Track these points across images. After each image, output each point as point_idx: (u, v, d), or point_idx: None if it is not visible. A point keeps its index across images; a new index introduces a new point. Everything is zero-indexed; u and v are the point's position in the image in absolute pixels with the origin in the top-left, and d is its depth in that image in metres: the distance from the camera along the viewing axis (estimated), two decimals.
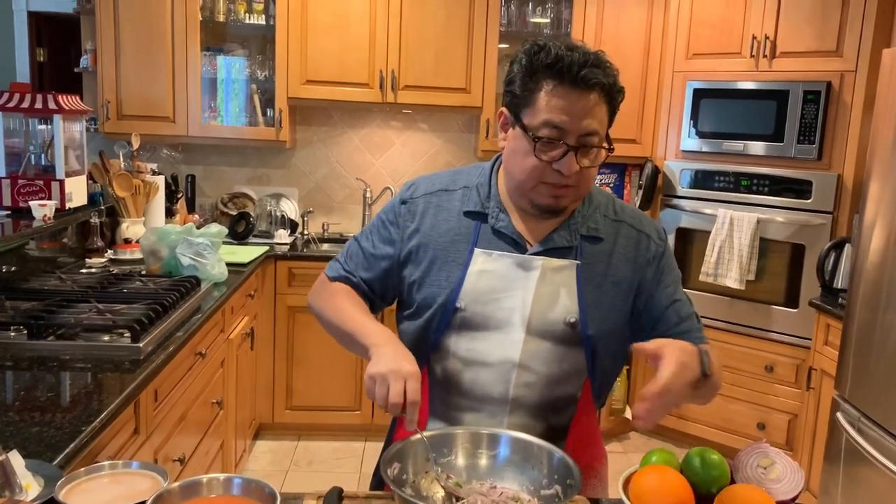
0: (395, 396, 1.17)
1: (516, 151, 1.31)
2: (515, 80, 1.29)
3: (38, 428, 1.51)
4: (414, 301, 1.41)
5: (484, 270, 1.35)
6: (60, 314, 2.18)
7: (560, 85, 1.24)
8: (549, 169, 1.28)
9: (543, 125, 1.25)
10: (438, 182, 1.45)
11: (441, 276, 1.37)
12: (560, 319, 1.34)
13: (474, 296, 1.35)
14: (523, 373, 1.34)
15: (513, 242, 1.37)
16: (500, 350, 1.35)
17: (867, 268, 2.63)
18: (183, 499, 1.10)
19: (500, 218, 1.38)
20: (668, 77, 3.89)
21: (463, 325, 1.36)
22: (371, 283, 1.46)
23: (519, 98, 1.29)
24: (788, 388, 3.56)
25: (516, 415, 1.36)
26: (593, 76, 1.23)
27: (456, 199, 1.42)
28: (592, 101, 1.24)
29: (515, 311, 1.34)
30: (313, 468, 3.60)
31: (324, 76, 3.85)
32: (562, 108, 1.24)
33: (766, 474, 1.16)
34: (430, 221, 1.41)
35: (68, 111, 2.98)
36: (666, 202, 3.92)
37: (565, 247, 1.36)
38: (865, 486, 2.56)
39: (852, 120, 3.32)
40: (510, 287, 1.34)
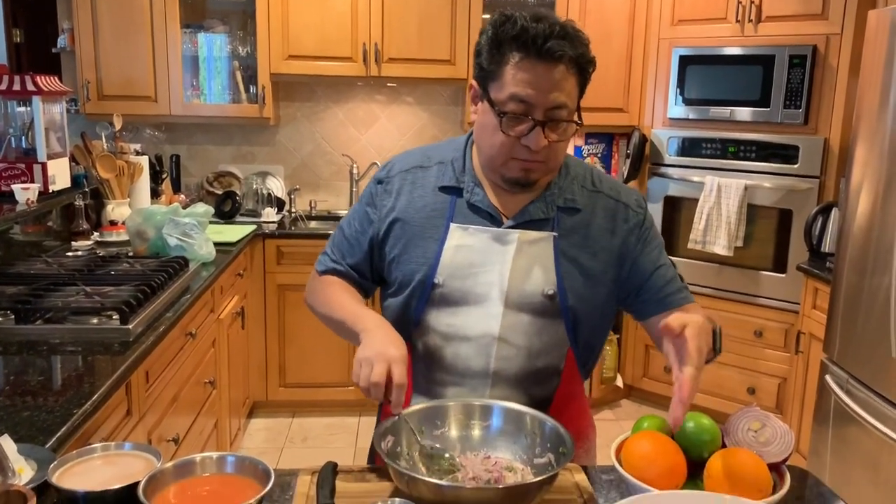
0: (376, 376, 1.17)
1: (485, 126, 1.30)
2: (482, 52, 1.27)
3: (29, 412, 1.50)
4: (394, 278, 1.41)
5: (461, 245, 1.35)
6: (48, 298, 2.17)
7: (526, 57, 1.22)
8: (518, 144, 1.27)
9: (510, 99, 1.23)
10: (413, 159, 1.45)
11: (418, 252, 1.37)
12: (538, 292, 1.34)
13: (451, 271, 1.35)
14: (503, 346, 1.35)
15: (489, 216, 1.36)
16: (479, 324, 1.35)
17: (854, 231, 2.65)
18: (177, 478, 1.10)
19: (475, 192, 1.37)
20: (654, 44, 3.86)
21: (442, 301, 1.36)
22: (359, 268, 1.46)
23: (486, 71, 1.27)
24: (777, 352, 3.59)
25: (498, 388, 1.36)
26: (559, 48, 1.20)
27: (431, 175, 1.41)
28: (560, 74, 1.22)
29: (493, 285, 1.34)
30: (308, 444, 3.62)
31: (306, 51, 3.80)
32: (528, 81, 1.22)
33: (757, 437, 1.17)
34: (405, 198, 1.40)
35: (47, 92, 2.93)
36: (653, 171, 3.92)
37: (542, 219, 1.36)
38: (854, 446, 2.60)
39: (838, 83, 3.31)
40: (487, 261, 1.34)
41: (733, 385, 3.75)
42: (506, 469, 1.18)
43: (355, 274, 1.47)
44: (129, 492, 1.05)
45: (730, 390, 3.76)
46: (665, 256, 1.44)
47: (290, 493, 1.17)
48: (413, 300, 1.38)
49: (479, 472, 1.17)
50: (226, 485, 1.11)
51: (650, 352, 4.03)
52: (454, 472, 1.17)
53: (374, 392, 1.18)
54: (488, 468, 1.18)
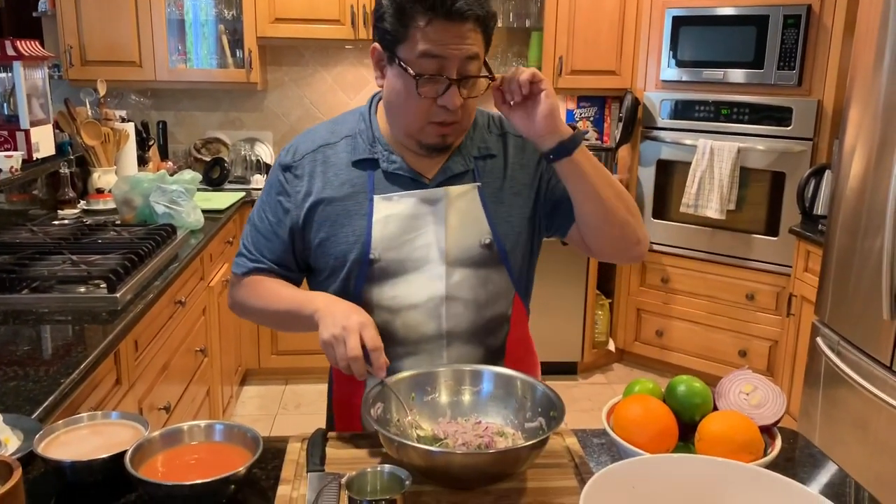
0: (353, 350, 1.16)
1: (397, 92, 1.26)
2: (385, 17, 1.23)
3: (15, 382, 1.49)
4: (325, 263, 1.36)
5: (389, 215, 1.32)
6: (33, 267, 2.14)
7: (434, 19, 1.18)
8: (434, 106, 1.24)
9: (422, 57, 1.20)
10: (318, 138, 1.39)
11: (346, 231, 1.33)
12: (475, 243, 1.34)
13: (386, 243, 1.32)
14: (452, 304, 1.34)
15: (410, 181, 1.33)
16: (424, 289, 1.33)
17: (847, 194, 2.63)
18: (164, 447, 1.09)
19: (391, 160, 1.34)
20: (647, 5, 3.80)
21: (382, 275, 1.33)
22: (282, 261, 1.39)
23: (391, 34, 1.23)
24: (769, 315, 3.61)
25: (454, 347, 1.36)
26: (467, 6, 1.18)
27: (341, 151, 1.36)
28: (467, 29, 1.20)
29: (431, 247, 1.33)
30: (301, 411, 3.63)
31: (293, 13, 3.73)
32: (437, 39, 1.19)
33: (749, 400, 1.16)
34: (320, 180, 1.35)
35: (28, 57, 2.87)
36: (646, 134, 3.88)
37: (462, 172, 1.35)
38: (844, 407, 2.62)
39: (832, 44, 3.27)
40: (420, 225, 1.32)
41: (725, 348, 3.77)
42: (497, 434, 1.18)
43: (278, 268, 1.40)
44: (116, 461, 1.04)
45: (721, 353, 3.78)
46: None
47: (280, 460, 1.17)
48: (350, 280, 1.34)
49: (470, 437, 1.16)
50: (214, 453, 1.10)
51: (642, 316, 4.04)
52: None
53: (354, 367, 1.17)
54: (479, 433, 1.17)
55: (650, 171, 3.89)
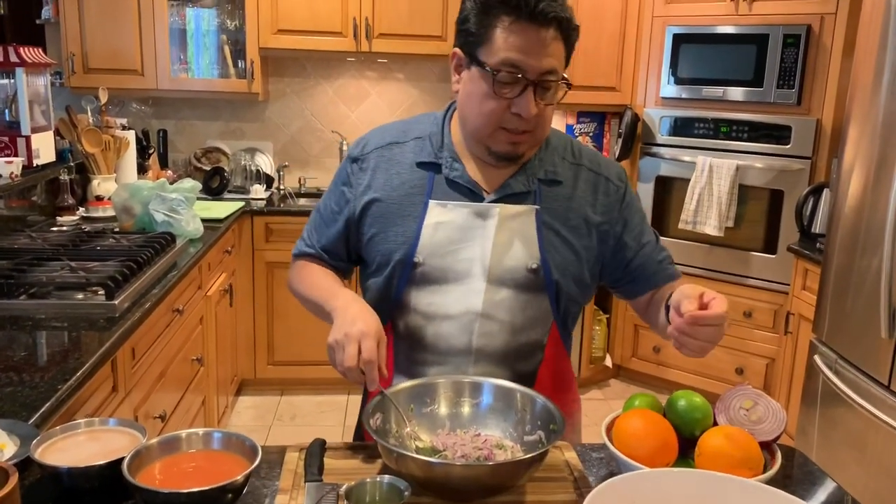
0: (349, 360, 1.15)
1: (473, 95, 1.27)
2: (469, 17, 1.25)
3: (12, 388, 1.48)
4: (373, 258, 1.38)
5: (440, 222, 1.32)
6: (31, 273, 2.14)
7: (517, 20, 1.20)
8: (508, 113, 1.24)
9: (501, 64, 1.21)
10: (389, 135, 1.41)
11: (397, 231, 1.34)
12: (521, 266, 1.32)
13: (432, 249, 1.32)
14: (486, 322, 1.33)
15: (468, 192, 1.33)
16: (461, 301, 1.33)
17: (845, 212, 2.64)
18: (162, 454, 1.08)
19: (454, 167, 1.34)
20: (648, 23, 3.83)
21: (422, 280, 1.34)
22: (332, 248, 1.43)
23: (474, 36, 1.24)
24: (766, 332, 3.61)
25: (481, 364, 1.35)
26: (551, 9, 1.19)
27: (408, 151, 1.38)
28: (550, 37, 1.21)
29: (475, 261, 1.32)
30: (297, 422, 3.61)
31: (295, 25, 3.75)
32: (520, 45, 1.20)
33: (749, 415, 1.16)
34: (382, 176, 1.37)
35: (31, 64, 2.88)
36: (645, 150, 3.90)
37: (523, 192, 1.33)
38: (841, 426, 2.61)
39: (832, 64, 3.30)
40: (468, 237, 1.32)
41: (722, 365, 3.77)
42: (495, 446, 1.18)
43: (326, 256, 1.44)
44: (113, 468, 1.03)
45: (718, 370, 3.78)
46: (648, 230, 1.43)
47: (278, 470, 1.16)
48: (393, 280, 1.35)
49: (469, 449, 1.16)
50: (212, 461, 1.09)
51: (639, 332, 4.04)
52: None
53: (350, 376, 1.17)
54: (478, 445, 1.17)
55: (649, 188, 3.90)
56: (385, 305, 1.36)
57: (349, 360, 1.16)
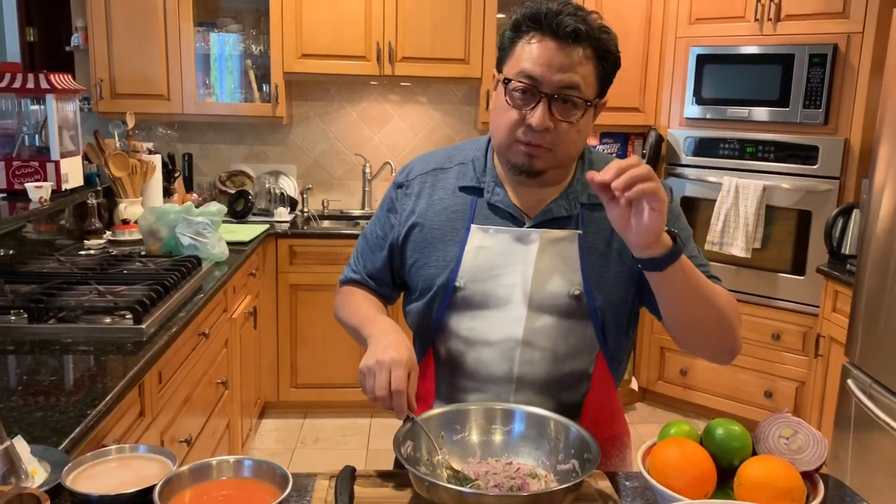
0: (379, 389, 1.15)
1: (496, 107, 1.29)
2: (504, 37, 1.27)
3: (42, 413, 1.48)
4: (415, 283, 1.38)
5: (482, 247, 1.31)
6: (61, 297, 2.15)
7: (539, 33, 1.21)
8: (523, 126, 1.24)
9: (518, 75, 1.22)
10: (433, 161, 1.42)
11: (439, 255, 1.34)
12: (563, 293, 1.30)
13: (473, 274, 1.31)
14: (527, 350, 1.31)
15: (510, 217, 1.32)
16: (502, 328, 1.31)
17: (877, 233, 2.60)
18: (193, 482, 1.07)
19: (495, 192, 1.33)
20: (671, 43, 3.82)
21: (463, 305, 1.32)
22: (377, 275, 1.44)
23: (503, 52, 1.27)
24: (796, 355, 3.54)
25: (522, 393, 1.32)
26: (570, 23, 1.18)
27: (451, 176, 1.38)
28: (576, 56, 1.20)
29: (516, 287, 1.30)
30: (320, 446, 3.59)
31: (319, 49, 3.78)
32: (538, 57, 1.20)
33: (789, 445, 1.13)
34: (425, 201, 1.37)
35: (61, 90, 2.92)
36: (670, 171, 3.87)
37: (565, 216, 1.32)
38: (876, 452, 2.55)
39: (859, 83, 3.26)
40: (509, 262, 1.30)
41: (750, 389, 3.70)
42: (529, 476, 1.15)
43: (372, 282, 1.45)
44: (144, 496, 1.02)
45: (747, 394, 3.71)
46: (693, 246, 1.39)
47: (308, 499, 1.15)
48: (434, 304, 1.34)
49: (502, 478, 1.14)
50: (243, 490, 1.08)
51: (665, 354, 3.98)
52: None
53: (382, 404, 1.17)
54: (511, 475, 1.15)
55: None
56: (426, 330, 1.36)
57: (380, 389, 1.15)
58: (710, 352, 1.31)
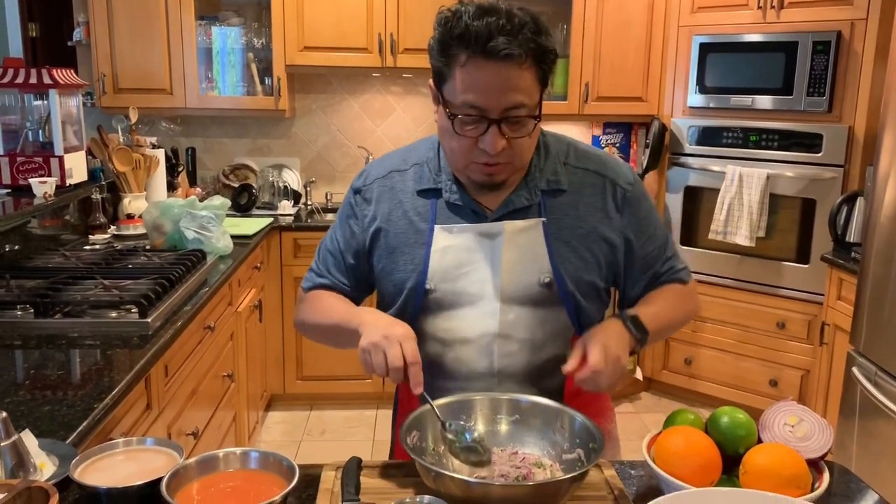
0: (395, 360, 1.15)
1: (443, 130, 1.25)
2: (433, 52, 1.22)
3: (49, 406, 1.49)
4: (385, 289, 1.37)
5: (448, 246, 1.30)
6: (66, 292, 2.16)
7: (472, 57, 1.15)
8: (476, 148, 1.21)
9: (462, 105, 1.18)
10: (389, 163, 1.40)
11: (405, 259, 1.33)
12: (534, 281, 1.29)
13: (442, 274, 1.30)
14: (505, 343, 1.31)
15: (471, 213, 1.31)
16: (477, 324, 1.31)
17: (881, 220, 2.59)
18: (200, 474, 1.08)
19: (453, 190, 1.32)
20: (674, 32, 3.80)
21: (436, 306, 1.32)
22: (346, 280, 1.42)
23: (438, 72, 1.22)
24: (800, 344, 3.54)
25: (505, 386, 1.32)
26: (504, 46, 1.12)
27: (409, 179, 1.36)
28: (512, 71, 1.15)
29: (487, 282, 1.30)
30: (326, 437, 3.61)
31: (321, 42, 3.78)
32: (478, 84, 1.16)
33: (794, 432, 1.13)
34: (386, 206, 1.36)
35: (64, 85, 2.92)
36: (673, 160, 3.86)
37: (526, 206, 1.30)
38: (882, 439, 2.55)
39: (863, 70, 3.25)
40: (476, 259, 1.30)
41: (755, 377, 3.71)
42: (534, 465, 1.16)
43: (344, 286, 1.42)
44: (151, 488, 1.03)
45: (752, 383, 3.71)
46: (658, 230, 1.39)
47: (314, 489, 1.15)
48: (407, 308, 1.33)
49: (508, 468, 1.14)
50: (249, 481, 1.09)
51: (669, 344, 3.98)
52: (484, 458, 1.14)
53: (393, 376, 1.16)
54: (516, 464, 1.15)
55: (678, 198, 3.86)
56: None
57: (395, 361, 1.14)
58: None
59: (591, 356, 1.17)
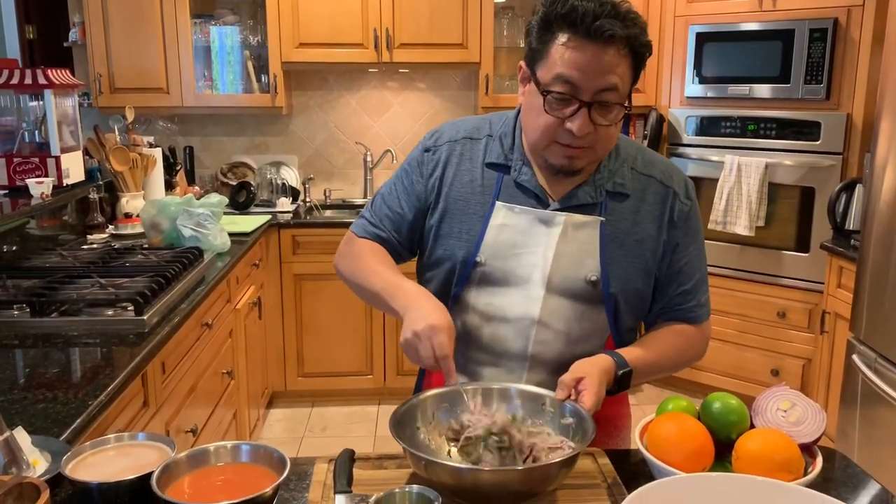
0: (426, 359, 1.18)
1: (531, 108, 1.27)
2: (533, 31, 1.24)
3: (44, 404, 1.49)
4: (434, 253, 1.38)
5: (505, 224, 1.32)
6: (63, 290, 2.16)
7: (574, 36, 1.17)
8: (562, 128, 1.22)
9: (555, 80, 1.20)
10: (463, 129, 1.41)
11: (462, 228, 1.34)
12: (581, 277, 1.30)
13: (495, 250, 1.32)
14: (542, 330, 1.32)
15: (535, 197, 1.33)
16: (519, 306, 1.32)
17: (880, 207, 2.58)
18: (191, 468, 1.08)
19: (522, 171, 1.33)
20: (670, 22, 3.79)
21: (483, 280, 1.34)
22: (399, 236, 1.42)
23: (534, 51, 1.24)
24: (801, 332, 3.53)
25: (535, 371, 1.33)
26: (609, 27, 1.15)
27: (480, 149, 1.37)
28: (611, 56, 1.17)
29: (536, 268, 1.31)
30: (328, 434, 3.61)
31: (317, 38, 3.77)
32: (576, 62, 1.18)
33: (787, 417, 1.13)
34: (452, 170, 1.37)
35: (59, 85, 2.92)
36: (672, 151, 3.85)
37: (590, 203, 1.32)
38: (883, 427, 2.54)
39: (860, 57, 3.23)
40: (531, 243, 1.31)
41: (756, 367, 3.70)
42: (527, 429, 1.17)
43: (395, 242, 1.42)
44: (143, 482, 1.03)
45: (753, 372, 3.71)
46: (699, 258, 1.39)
47: (307, 482, 1.15)
48: (454, 277, 1.35)
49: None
50: (241, 474, 1.09)
51: None
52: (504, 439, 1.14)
53: (432, 369, 1.21)
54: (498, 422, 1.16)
55: None
56: (444, 302, 1.33)
57: (427, 359, 1.18)
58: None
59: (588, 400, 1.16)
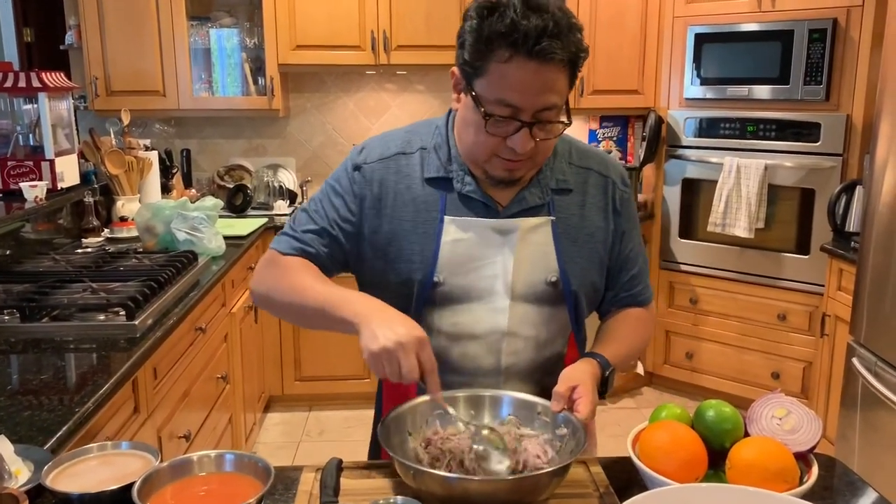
0: (412, 372, 1.07)
1: (468, 123, 1.21)
2: (466, 42, 1.16)
3: (29, 412, 1.47)
4: (387, 278, 1.30)
5: (458, 239, 1.26)
6: (54, 295, 2.14)
7: (515, 55, 1.11)
8: (503, 144, 1.18)
9: (497, 103, 1.15)
10: (393, 144, 1.33)
11: (413, 249, 1.28)
12: (542, 280, 1.28)
13: (452, 268, 1.27)
14: (512, 340, 1.29)
15: (483, 206, 1.28)
16: (486, 321, 1.28)
17: (880, 209, 2.56)
18: (173, 478, 1.06)
19: (466, 181, 1.28)
20: (669, 23, 3.77)
21: (444, 300, 1.28)
22: (328, 253, 1.31)
23: (471, 64, 1.16)
24: (802, 335, 3.51)
25: (510, 384, 1.30)
26: (552, 49, 1.10)
27: (415, 164, 1.30)
28: (552, 73, 1.13)
29: (497, 279, 1.27)
30: (325, 438, 3.59)
31: (314, 40, 3.75)
32: (517, 83, 1.12)
33: (782, 425, 1.10)
34: (391, 191, 1.29)
35: (53, 88, 2.91)
36: (671, 153, 3.83)
37: (538, 204, 1.29)
38: (883, 431, 2.52)
39: (860, 58, 3.21)
40: (489, 254, 1.27)
41: (757, 370, 3.67)
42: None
43: (325, 256, 1.31)
44: (124, 493, 1.01)
45: (753, 375, 3.68)
46: (639, 242, 1.41)
47: (294, 491, 1.13)
48: (411, 301, 1.28)
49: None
50: (225, 484, 1.07)
51: (671, 338, 3.95)
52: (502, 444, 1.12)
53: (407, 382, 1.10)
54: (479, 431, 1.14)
55: (676, 190, 3.83)
56: None
57: (412, 374, 1.07)
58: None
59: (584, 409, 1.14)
